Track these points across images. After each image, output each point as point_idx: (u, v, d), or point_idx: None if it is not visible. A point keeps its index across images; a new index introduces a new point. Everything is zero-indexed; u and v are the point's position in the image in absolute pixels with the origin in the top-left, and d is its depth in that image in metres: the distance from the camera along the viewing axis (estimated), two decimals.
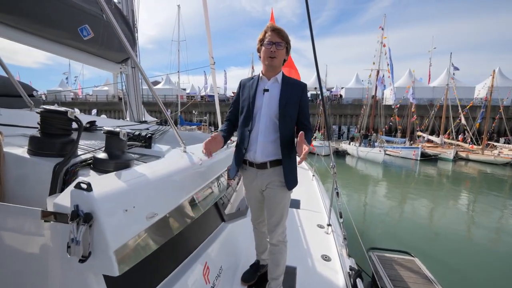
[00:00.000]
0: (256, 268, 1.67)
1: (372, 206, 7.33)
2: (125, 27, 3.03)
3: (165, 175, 0.99)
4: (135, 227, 0.77)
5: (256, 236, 1.70)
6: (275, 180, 1.41)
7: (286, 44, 1.42)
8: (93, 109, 27.48)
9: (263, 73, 1.49)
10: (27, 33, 2.22)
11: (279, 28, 1.40)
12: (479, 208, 7.50)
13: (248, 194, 1.57)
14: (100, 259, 0.66)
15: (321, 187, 3.81)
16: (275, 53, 1.39)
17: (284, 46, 1.41)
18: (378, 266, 3.27)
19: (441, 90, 22.99)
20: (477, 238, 5.33)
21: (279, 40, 1.38)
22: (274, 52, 1.38)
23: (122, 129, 0.92)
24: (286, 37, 1.41)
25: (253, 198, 1.55)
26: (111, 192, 0.71)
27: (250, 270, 1.65)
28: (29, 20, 2.13)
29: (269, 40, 1.38)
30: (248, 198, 1.60)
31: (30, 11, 2.09)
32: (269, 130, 1.41)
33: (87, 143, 1.27)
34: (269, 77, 1.47)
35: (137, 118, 3.47)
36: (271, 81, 1.46)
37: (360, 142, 18.31)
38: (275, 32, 1.39)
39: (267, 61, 1.42)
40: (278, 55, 1.40)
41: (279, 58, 1.42)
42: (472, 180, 11.81)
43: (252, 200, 1.57)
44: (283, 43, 1.40)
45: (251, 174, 1.47)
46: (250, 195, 1.56)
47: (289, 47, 1.46)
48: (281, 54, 1.41)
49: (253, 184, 1.48)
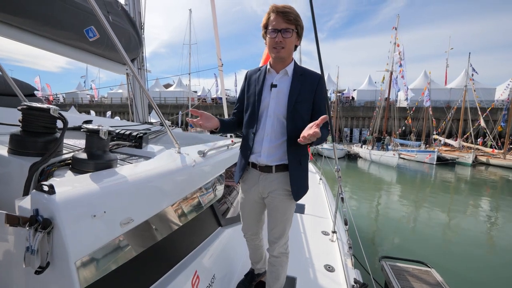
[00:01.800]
0: (251, 277, 1.53)
1: (385, 212, 7.03)
2: (131, 28, 3.03)
3: (149, 177, 0.92)
4: (105, 234, 0.69)
5: (250, 247, 1.52)
6: (279, 188, 1.23)
7: (296, 27, 1.16)
8: (107, 111, 28.33)
9: (271, 64, 1.27)
10: (32, 34, 2.25)
11: (285, 9, 1.13)
12: (501, 217, 7.03)
13: (245, 200, 1.36)
14: (59, 271, 0.59)
15: (328, 191, 3.66)
16: (282, 43, 1.14)
17: (293, 31, 1.15)
18: (391, 277, 3.08)
19: (458, 91, 22.07)
20: (499, 249, 4.96)
21: (285, 26, 1.12)
22: (280, 42, 1.14)
23: (102, 128, 0.86)
24: (295, 19, 1.14)
25: (249, 205, 1.36)
26: (77, 195, 0.63)
27: (245, 280, 1.52)
28: (35, 21, 2.16)
29: (273, 28, 1.14)
30: (243, 204, 1.39)
31: (35, 12, 2.11)
32: (276, 132, 1.23)
33: (78, 142, 1.22)
34: (278, 69, 1.25)
35: (142, 119, 3.46)
36: (280, 74, 1.24)
37: (372, 145, 17.81)
38: (279, 16, 1.13)
39: (273, 53, 1.19)
40: (286, 44, 1.15)
41: (288, 47, 1.16)
42: (492, 186, 11.15)
43: (248, 208, 1.37)
44: (291, 27, 1.14)
45: (253, 177, 1.29)
46: (247, 202, 1.36)
47: (301, 30, 1.20)
48: (289, 42, 1.16)
49: (253, 189, 1.29)
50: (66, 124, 0.96)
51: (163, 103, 31.87)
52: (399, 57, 16.64)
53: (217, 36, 4.36)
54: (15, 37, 2.19)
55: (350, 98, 31.84)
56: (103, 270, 0.69)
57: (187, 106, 24.09)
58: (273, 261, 1.33)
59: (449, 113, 20.89)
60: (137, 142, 1.21)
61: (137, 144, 1.21)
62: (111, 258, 0.72)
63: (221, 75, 4.94)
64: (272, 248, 1.32)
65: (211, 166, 1.49)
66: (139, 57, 3.48)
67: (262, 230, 1.47)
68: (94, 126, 0.87)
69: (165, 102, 32.56)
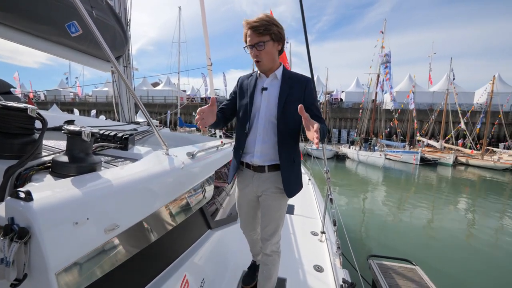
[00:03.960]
0: (254, 269, 1.64)
1: (372, 211, 7.20)
2: (116, 25, 2.94)
3: (135, 180, 0.88)
4: (88, 242, 0.65)
5: (249, 240, 1.62)
6: (272, 186, 1.30)
7: (270, 35, 1.20)
8: (92, 109, 27.41)
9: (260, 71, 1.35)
10: (9, 28, 2.13)
11: (254, 23, 1.18)
12: (480, 214, 7.38)
13: (241, 198, 1.44)
14: (38, 283, 0.55)
15: (317, 192, 3.70)
16: (259, 56, 1.23)
17: (268, 40, 1.20)
18: (378, 275, 3.15)
19: (440, 95, 22.99)
20: (478, 245, 5.20)
21: (257, 40, 1.19)
22: (257, 55, 1.23)
23: (85, 129, 0.82)
24: (266, 29, 1.19)
25: (246, 203, 1.43)
26: (57, 202, 0.59)
27: (249, 272, 1.63)
28: (12, 14, 2.04)
29: (248, 44, 1.22)
30: (240, 203, 1.47)
31: (12, 5, 2.00)
32: (268, 133, 1.28)
33: (59, 144, 1.16)
34: (268, 74, 1.32)
35: (128, 119, 3.36)
36: (269, 78, 1.32)
37: (360, 146, 18.21)
38: (251, 31, 1.19)
39: (256, 64, 1.29)
40: (262, 57, 1.23)
41: (266, 58, 1.25)
42: (471, 185, 11.69)
43: (244, 207, 1.45)
44: (264, 40, 1.20)
45: (247, 177, 1.36)
46: (243, 200, 1.44)
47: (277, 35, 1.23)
48: (265, 53, 1.23)
49: (248, 188, 1.36)
50: (45, 124, 0.91)
51: (151, 102, 31.20)
52: (385, 60, 17.12)
53: (206, 35, 4.31)
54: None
55: (338, 100, 32.42)
56: (87, 279, 0.65)
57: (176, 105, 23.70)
58: (266, 260, 1.37)
59: (432, 115, 21.72)
60: (123, 143, 1.16)
61: (123, 145, 1.16)
62: (95, 267, 0.68)
63: (210, 75, 4.88)
64: (265, 246, 1.35)
65: (200, 168, 1.46)
66: (125, 54, 3.37)
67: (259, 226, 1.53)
68: (76, 127, 0.82)
69: (153, 101, 31.90)
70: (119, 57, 3.26)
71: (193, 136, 2.91)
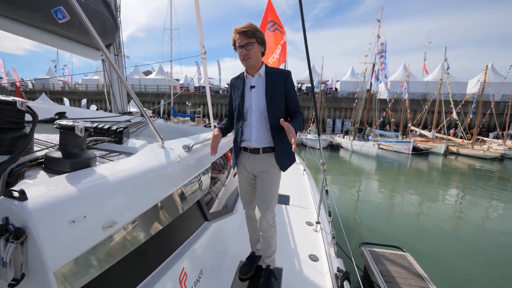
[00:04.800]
0: (252, 259, 1.75)
1: (365, 200, 7.37)
2: (106, 11, 2.81)
3: (132, 175, 0.87)
4: (85, 240, 0.65)
5: (249, 227, 1.77)
6: (266, 164, 1.53)
7: (256, 39, 1.46)
8: (82, 99, 26.72)
9: (247, 71, 1.57)
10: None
11: (243, 29, 1.43)
12: (468, 202, 7.64)
13: (241, 177, 1.67)
14: (37, 283, 0.54)
15: (311, 182, 3.74)
16: (248, 54, 1.45)
17: (254, 42, 1.45)
18: (370, 261, 3.26)
19: (434, 84, 23.13)
20: (465, 231, 5.42)
21: (246, 41, 1.43)
22: (246, 54, 1.45)
23: (78, 124, 0.79)
24: (253, 33, 1.44)
25: (244, 182, 1.65)
26: (53, 200, 0.58)
27: (247, 262, 1.73)
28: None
29: (238, 45, 1.45)
30: (240, 182, 1.69)
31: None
32: (260, 123, 1.52)
33: (51, 138, 1.13)
34: (253, 73, 1.55)
35: (121, 109, 3.29)
36: (255, 77, 1.54)
37: (354, 136, 18.37)
38: (240, 35, 1.44)
39: (243, 64, 1.51)
40: (250, 55, 1.46)
41: (253, 56, 1.47)
42: (461, 174, 12.02)
43: (243, 185, 1.66)
44: (252, 41, 1.44)
45: (245, 158, 1.60)
46: (242, 179, 1.66)
47: (260, 39, 1.48)
48: (253, 52, 1.46)
49: (246, 167, 1.60)
50: (36, 118, 0.88)
51: (143, 91, 30.53)
52: (381, 49, 17.01)
53: (199, 22, 4.16)
54: None
55: (333, 89, 32.31)
56: (86, 277, 0.65)
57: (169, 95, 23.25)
58: (264, 235, 1.60)
59: (425, 105, 21.93)
60: (117, 137, 1.14)
61: (117, 139, 1.14)
62: (94, 264, 0.68)
63: (204, 63, 4.76)
64: (261, 222, 1.56)
65: (196, 160, 1.45)
66: (116, 42, 3.25)
67: None
68: (68, 121, 0.80)
69: (146, 90, 31.21)
70: (109, 44, 3.14)
71: (188, 127, 2.87)
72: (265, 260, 1.64)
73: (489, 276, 3.77)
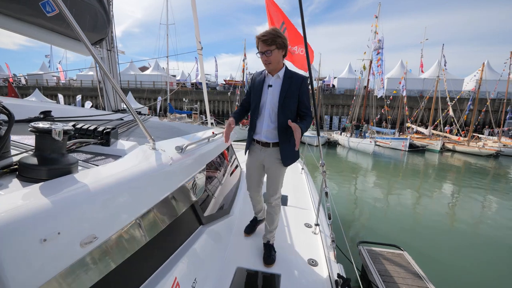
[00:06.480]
0: (255, 222, 2.17)
1: (362, 197, 7.37)
2: (97, 4, 2.69)
3: (117, 181, 0.80)
4: (60, 260, 0.58)
5: (253, 202, 2.06)
6: (273, 157, 1.73)
7: (276, 44, 1.57)
8: (77, 95, 26.29)
9: (268, 71, 1.72)
10: None
11: (263, 37, 1.56)
12: (464, 199, 7.68)
13: (250, 164, 1.88)
14: None
15: (310, 181, 3.68)
16: (268, 60, 1.61)
17: (274, 49, 1.58)
18: (367, 261, 3.24)
19: (431, 81, 23.15)
20: (462, 229, 5.44)
21: (265, 49, 1.58)
22: (266, 60, 1.62)
23: (56, 126, 0.71)
24: (273, 40, 1.55)
25: (253, 170, 1.87)
26: (20, 216, 0.51)
27: (250, 224, 2.15)
28: None
29: (260, 51, 1.62)
30: (248, 169, 1.90)
31: None
32: (271, 119, 1.69)
33: (32, 140, 1.05)
34: (273, 74, 1.70)
35: (114, 106, 3.19)
36: (274, 77, 1.70)
37: (351, 133, 18.38)
38: (261, 42, 1.58)
39: (265, 67, 1.69)
40: (271, 60, 1.61)
41: (274, 61, 1.62)
42: (457, 171, 12.09)
43: (252, 172, 1.89)
44: (271, 48, 1.57)
45: (256, 150, 1.81)
46: (251, 167, 1.88)
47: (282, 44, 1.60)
48: (273, 58, 1.61)
49: (257, 158, 1.81)
50: (12, 119, 0.80)
51: (139, 87, 30.15)
52: (378, 46, 16.92)
53: (195, 17, 4.07)
54: None
55: (330, 86, 32.23)
56: None
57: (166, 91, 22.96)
58: (270, 210, 1.86)
59: (422, 102, 21.98)
60: (104, 138, 1.06)
61: (104, 141, 1.06)
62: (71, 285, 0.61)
63: (200, 59, 4.66)
64: (269, 201, 1.85)
65: (190, 162, 1.38)
66: (108, 37, 3.14)
67: (262, 190, 2.00)
68: (45, 124, 0.72)
69: (142, 86, 30.82)
70: (101, 39, 3.03)
71: (183, 125, 2.78)
72: (266, 235, 1.88)
73: (486, 274, 3.78)
